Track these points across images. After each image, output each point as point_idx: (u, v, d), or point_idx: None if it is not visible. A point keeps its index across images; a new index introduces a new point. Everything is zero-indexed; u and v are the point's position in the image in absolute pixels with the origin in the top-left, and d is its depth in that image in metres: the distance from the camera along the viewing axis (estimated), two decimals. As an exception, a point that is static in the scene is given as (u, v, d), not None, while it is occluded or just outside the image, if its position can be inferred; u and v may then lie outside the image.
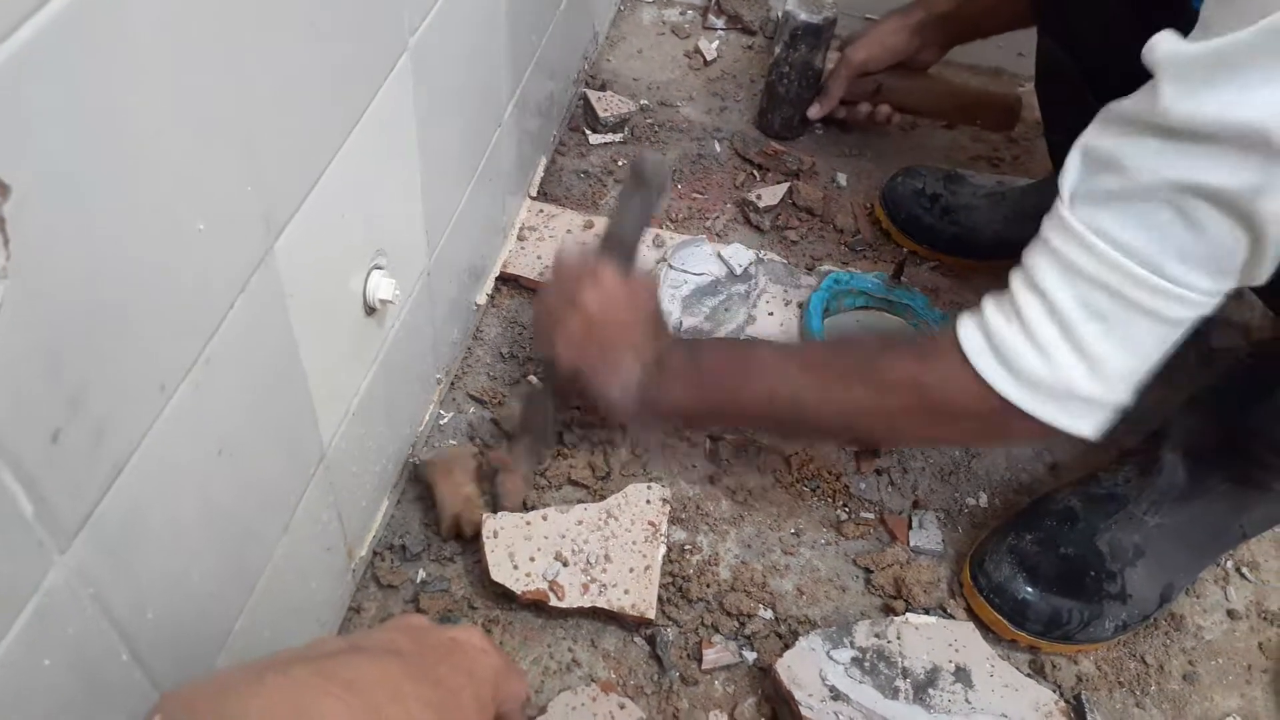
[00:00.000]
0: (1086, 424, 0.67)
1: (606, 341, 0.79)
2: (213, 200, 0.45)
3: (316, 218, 0.56)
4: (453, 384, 0.93)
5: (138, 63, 0.37)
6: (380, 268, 0.68)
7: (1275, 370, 0.80)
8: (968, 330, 0.68)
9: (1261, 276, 0.59)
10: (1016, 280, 0.67)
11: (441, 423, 0.90)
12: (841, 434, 0.86)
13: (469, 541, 0.82)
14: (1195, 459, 0.83)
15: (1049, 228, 0.65)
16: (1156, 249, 0.59)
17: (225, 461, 0.52)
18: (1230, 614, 0.87)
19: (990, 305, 0.68)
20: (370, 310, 0.68)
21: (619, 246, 0.84)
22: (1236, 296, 0.70)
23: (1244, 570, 0.90)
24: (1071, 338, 0.64)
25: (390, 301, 0.68)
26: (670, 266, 1.02)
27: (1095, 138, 0.62)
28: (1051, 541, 0.83)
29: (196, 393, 0.47)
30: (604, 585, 0.78)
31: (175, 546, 0.49)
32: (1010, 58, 1.39)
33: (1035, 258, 0.65)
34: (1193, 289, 0.60)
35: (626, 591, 0.78)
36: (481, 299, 0.98)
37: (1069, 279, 0.63)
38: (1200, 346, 1.07)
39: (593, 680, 0.76)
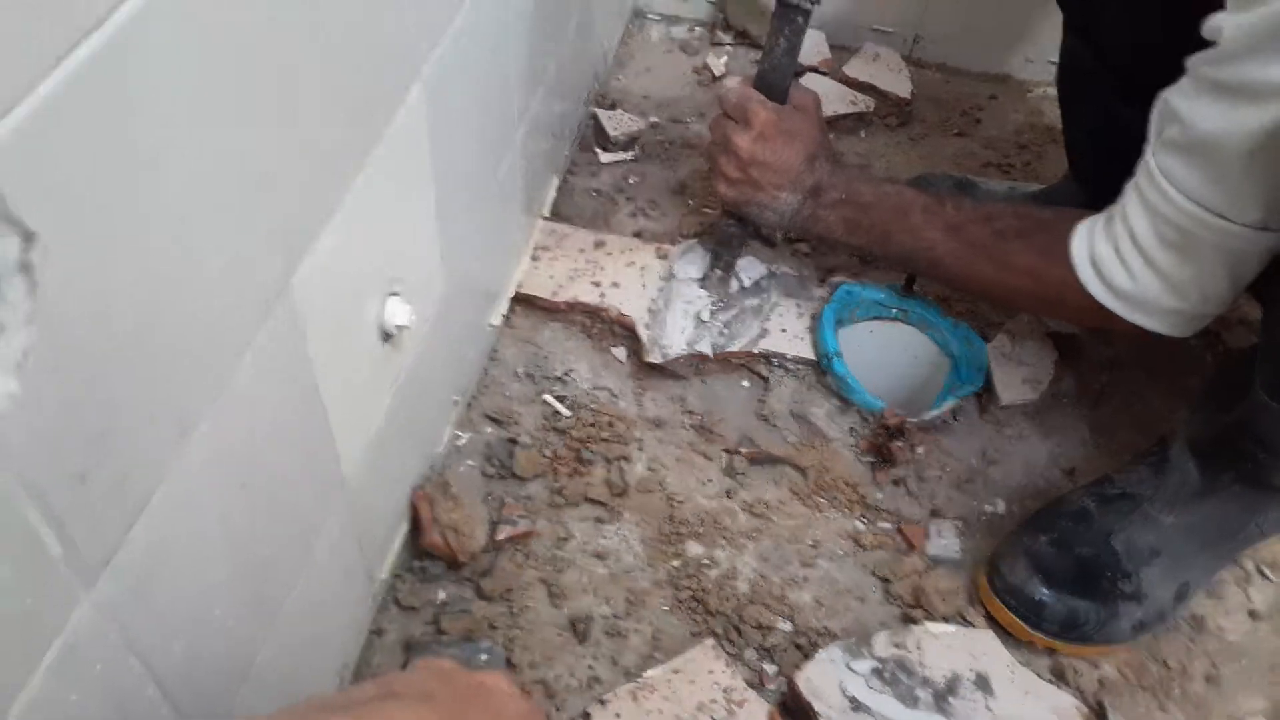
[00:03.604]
0: (1174, 328, 0.79)
1: (760, 179, 0.92)
2: (231, 238, 0.46)
3: (333, 249, 0.57)
4: (469, 405, 0.94)
5: (157, 107, 0.38)
6: (396, 294, 0.69)
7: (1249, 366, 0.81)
8: (1079, 240, 0.80)
9: None
10: (1119, 203, 0.77)
11: (459, 444, 0.91)
12: (972, 292, 1.00)
13: (464, 565, 0.83)
14: (1204, 457, 0.83)
15: (1140, 165, 0.75)
16: (1211, 190, 0.69)
17: (247, 495, 0.53)
18: (1252, 615, 0.86)
19: (1101, 219, 0.79)
20: (387, 337, 0.69)
21: (770, 79, 0.93)
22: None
23: (1265, 570, 0.89)
24: (1151, 263, 0.75)
25: (407, 327, 0.69)
26: (675, 277, 1.03)
27: (1171, 92, 0.72)
28: (1066, 542, 0.83)
29: (217, 429, 0.48)
30: None
31: (198, 581, 0.50)
32: (1019, 63, 1.39)
33: (1128, 189, 0.76)
34: (1248, 224, 0.69)
35: None
36: (497, 320, 0.99)
37: (1147, 214, 0.74)
38: (1215, 346, 1.07)
39: None
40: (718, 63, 1.37)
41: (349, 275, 0.61)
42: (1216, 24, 0.66)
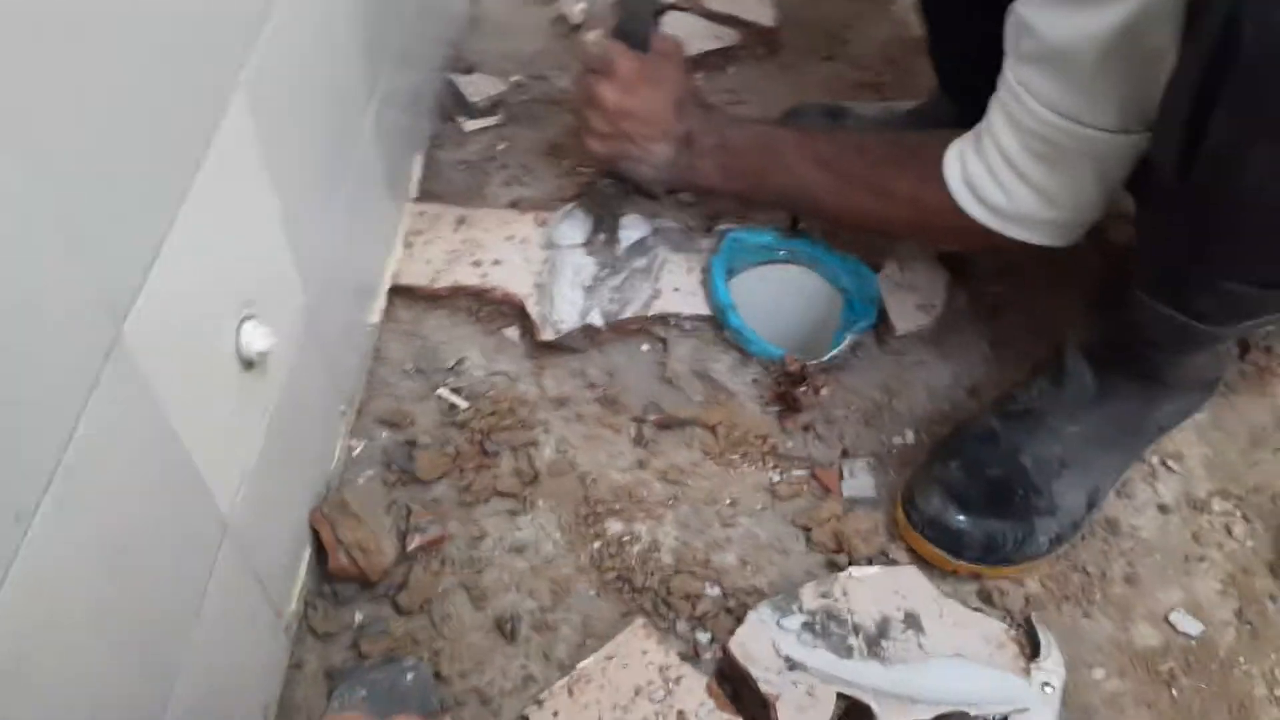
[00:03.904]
0: (1054, 238, 0.80)
1: (631, 131, 0.90)
2: (42, 304, 0.41)
3: (166, 287, 0.52)
4: (359, 412, 0.90)
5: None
6: (252, 317, 0.64)
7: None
8: (951, 162, 0.80)
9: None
10: (985, 121, 0.77)
11: (354, 454, 0.87)
12: (853, 226, 0.98)
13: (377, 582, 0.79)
14: (1098, 362, 0.84)
15: (1000, 81, 0.75)
16: (1071, 99, 0.69)
17: (112, 568, 0.48)
18: (1161, 509, 0.89)
19: (970, 139, 0.79)
20: (248, 364, 0.64)
21: (629, 28, 0.91)
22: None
23: (1170, 463, 0.91)
24: (1023, 176, 0.75)
25: (268, 351, 0.64)
26: (557, 245, 1.00)
27: (1020, 4, 0.71)
28: (976, 466, 0.83)
29: (61, 510, 0.43)
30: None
31: (75, 668, 0.46)
32: (877, -23, 1.37)
33: (992, 106, 0.76)
34: (1109, 128, 0.70)
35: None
36: (375, 317, 0.94)
37: (1013, 128, 0.74)
38: (1100, 243, 1.08)
39: None
40: (575, 10, 1.31)
41: (191, 310, 0.56)
42: None
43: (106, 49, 0.45)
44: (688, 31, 1.26)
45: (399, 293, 0.97)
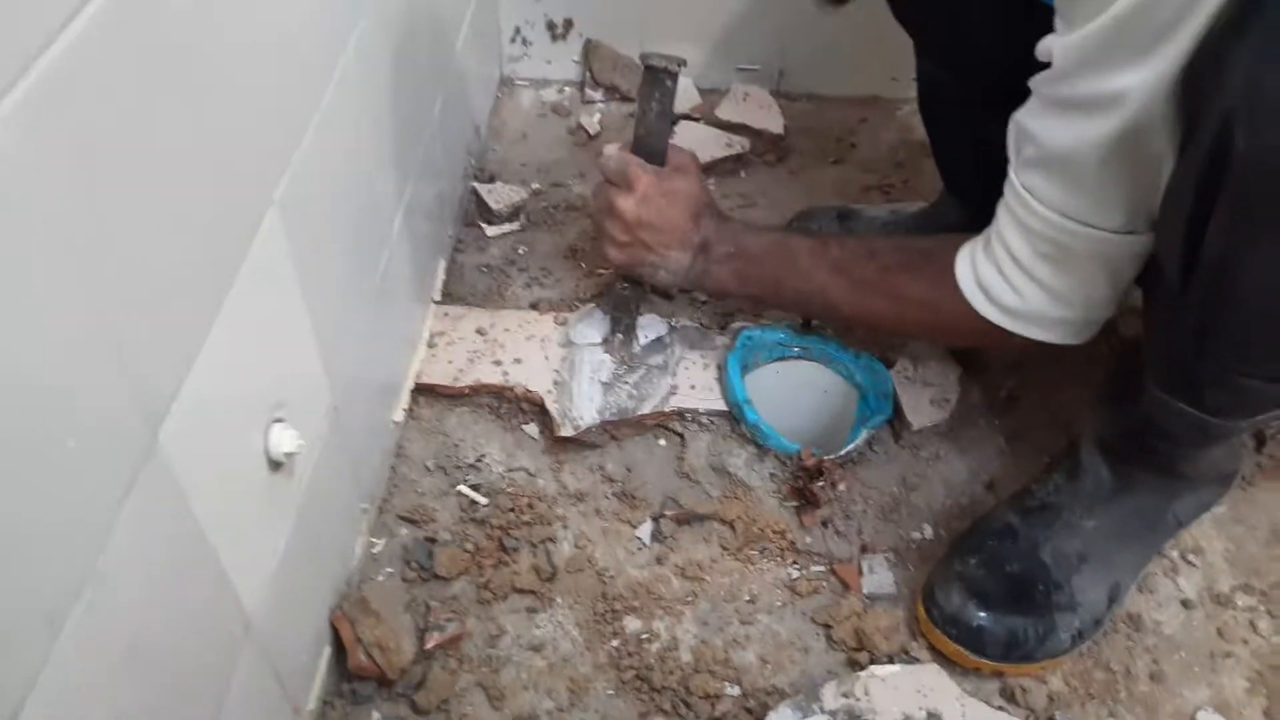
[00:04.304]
0: (1067, 336, 0.81)
1: (648, 240, 0.93)
2: (81, 412, 0.43)
3: (200, 395, 0.54)
4: (380, 509, 0.91)
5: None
6: (280, 420, 0.66)
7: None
8: (963, 266, 0.82)
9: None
10: (994, 224, 0.79)
11: (375, 551, 0.88)
12: (868, 329, 1.01)
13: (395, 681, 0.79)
14: (1113, 455, 0.84)
15: (1006, 186, 0.77)
16: (1075, 201, 0.71)
17: (135, 669, 0.49)
18: (1184, 604, 0.88)
19: (979, 243, 0.81)
20: (276, 465, 0.66)
21: (647, 144, 0.94)
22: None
23: (1190, 557, 0.91)
24: (1033, 277, 0.77)
25: (295, 453, 0.66)
26: (575, 344, 1.02)
27: (1021, 113, 0.74)
28: (996, 562, 0.83)
29: (92, 613, 0.45)
30: None
31: (93, 778, 0.46)
32: (884, 83, 1.42)
33: (1000, 209, 0.78)
34: (1115, 229, 0.71)
35: None
36: (399, 415, 0.96)
37: (1021, 231, 0.76)
38: (1110, 335, 1.10)
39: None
40: (592, 121, 1.37)
41: (222, 416, 0.58)
42: (1047, 46, 0.68)
43: (154, 167, 0.48)
44: (699, 138, 1.31)
45: (422, 391, 0.99)
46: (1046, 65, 0.70)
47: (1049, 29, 0.69)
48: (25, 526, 0.40)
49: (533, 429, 0.99)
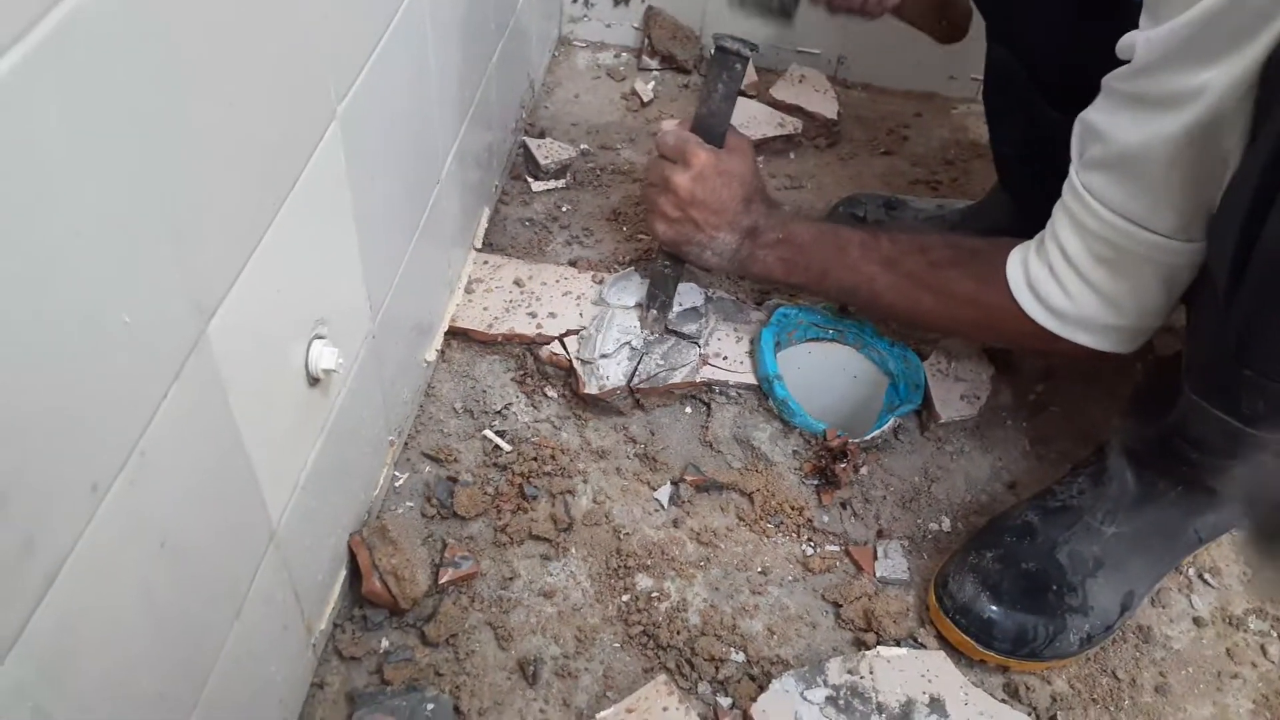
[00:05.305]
0: (1115, 344, 0.80)
1: (699, 219, 0.92)
2: (138, 292, 0.44)
3: (251, 296, 0.55)
4: (406, 444, 0.92)
5: (51, 158, 0.36)
6: (322, 337, 0.67)
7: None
8: (1014, 266, 0.81)
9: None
10: (1049, 225, 0.78)
11: (397, 484, 0.89)
12: (913, 324, 1.00)
13: (406, 611, 0.80)
14: (1141, 464, 0.84)
15: (1066, 186, 0.76)
16: (1136, 203, 0.71)
17: (168, 556, 0.50)
18: (1196, 621, 0.87)
19: (1033, 244, 0.80)
20: (314, 381, 0.67)
21: (708, 124, 0.93)
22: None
23: (1206, 576, 0.90)
24: (1087, 280, 0.76)
25: (334, 370, 0.67)
26: (609, 304, 1.02)
27: (1090, 111, 0.73)
28: (1012, 558, 0.83)
29: (133, 489, 0.45)
30: None
31: (118, 651, 0.47)
32: (942, 81, 1.41)
33: (1057, 210, 0.78)
34: (1173, 235, 0.71)
35: None
36: (431, 355, 0.97)
37: (1078, 231, 0.75)
38: (1144, 353, 1.09)
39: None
40: (645, 88, 1.37)
41: (269, 322, 0.59)
42: (1130, 42, 0.68)
43: (232, 56, 0.48)
44: (753, 115, 1.31)
45: (456, 335, 1.00)
46: (1119, 65, 0.69)
47: (1128, 26, 0.68)
48: (79, 393, 0.41)
49: (561, 383, 0.99)
